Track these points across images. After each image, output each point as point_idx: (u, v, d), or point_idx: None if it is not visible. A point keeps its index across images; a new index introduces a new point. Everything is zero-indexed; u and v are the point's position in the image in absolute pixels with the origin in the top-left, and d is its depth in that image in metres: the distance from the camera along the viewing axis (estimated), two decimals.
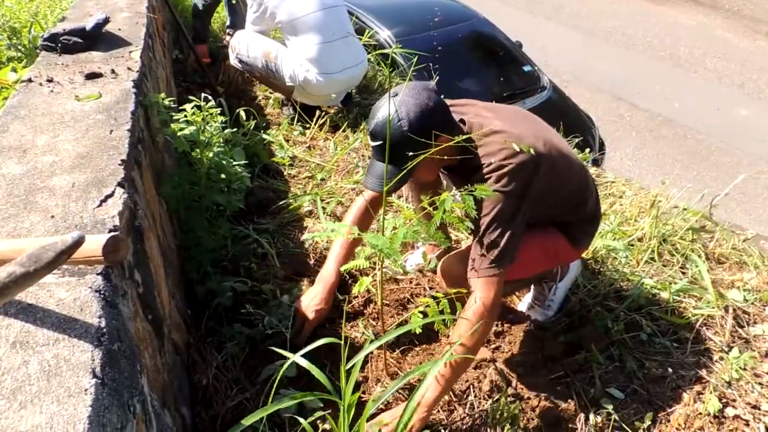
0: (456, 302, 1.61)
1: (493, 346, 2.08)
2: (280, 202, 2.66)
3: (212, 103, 2.23)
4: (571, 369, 1.99)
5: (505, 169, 1.61)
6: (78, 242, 0.82)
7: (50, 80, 1.90)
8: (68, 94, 1.80)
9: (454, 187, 1.84)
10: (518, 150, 1.59)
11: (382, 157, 1.63)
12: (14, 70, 2.11)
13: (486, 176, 1.62)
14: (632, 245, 2.64)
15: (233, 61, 3.57)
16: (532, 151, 1.59)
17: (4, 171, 1.37)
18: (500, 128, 1.68)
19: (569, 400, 1.88)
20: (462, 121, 1.73)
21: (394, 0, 5.69)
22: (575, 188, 1.85)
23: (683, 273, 2.54)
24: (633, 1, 10.27)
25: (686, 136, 6.70)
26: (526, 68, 5.19)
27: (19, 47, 3.08)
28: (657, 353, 2.08)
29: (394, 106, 1.57)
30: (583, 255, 2.36)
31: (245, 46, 3.45)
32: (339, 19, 3.38)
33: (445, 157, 1.67)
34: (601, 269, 2.46)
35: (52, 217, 1.22)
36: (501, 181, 1.61)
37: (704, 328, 2.21)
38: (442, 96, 1.68)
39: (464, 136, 1.58)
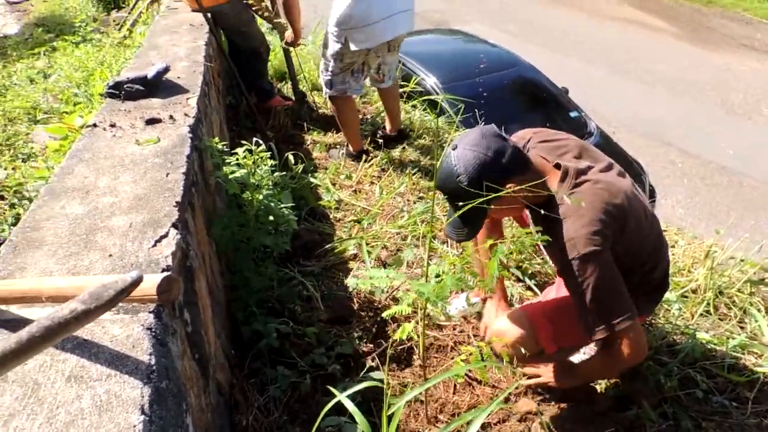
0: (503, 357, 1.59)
1: (539, 398, 2.02)
2: (326, 246, 2.70)
3: (263, 147, 2.30)
4: (622, 426, 1.90)
5: (596, 227, 1.56)
6: (136, 282, 0.86)
7: (113, 125, 2.01)
8: (129, 139, 1.90)
9: (533, 224, 1.81)
10: (611, 203, 1.58)
11: (452, 207, 1.68)
12: (81, 116, 2.23)
13: (577, 231, 1.57)
14: (686, 297, 2.55)
15: (324, 88, 3.59)
16: (625, 203, 1.58)
17: (68, 211, 1.44)
18: (596, 178, 1.65)
19: None
20: (557, 165, 1.70)
21: (440, 47, 5.81)
22: (651, 250, 1.78)
23: (741, 328, 2.43)
24: (682, 46, 10.17)
25: (741, 183, 6.49)
26: (573, 114, 5.17)
27: (87, 94, 3.26)
28: (714, 413, 1.97)
29: (454, 159, 1.60)
30: None
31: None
32: None
33: (519, 197, 1.63)
34: (653, 321, 2.37)
35: (110, 255, 1.27)
36: (593, 240, 1.55)
37: (766, 387, 2.09)
38: (509, 139, 1.67)
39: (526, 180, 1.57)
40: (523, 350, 1.87)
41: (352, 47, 3.19)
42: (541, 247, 1.81)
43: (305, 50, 5.18)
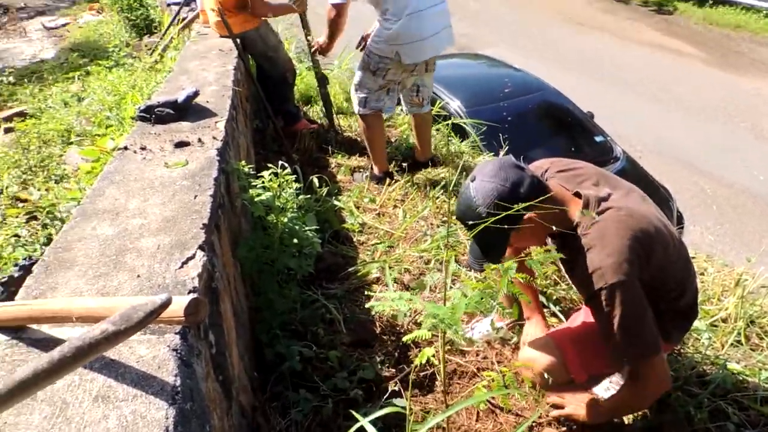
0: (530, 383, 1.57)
1: (563, 428, 1.98)
2: (349, 269, 2.70)
3: (288, 170, 2.33)
4: None
5: (623, 255, 1.54)
6: (165, 304, 0.87)
7: (143, 148, 2.06)
8: (158, 161, 1.94)
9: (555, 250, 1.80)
10: (636, 229, 1.57)
11: (473, 237, 1.68)
12: (112, 138, 2.29)
13: (603, 260, 1.55)
14: (716, 326, 2.49)
15: (356, 106, 3.65)
16: (651, 229, 1.56)
17: (98, 232, 1.48)
18: (618, 205, 1.63)
19: None
20: (577, 193, 1.69)
21: (464, 71, 5.83)
22: (678, 276, 1.75)
23: None
24: (710, 71, 10.08)
25: None
26: (598, 138, 5.13)
27: (118, 117, 3.34)
28: None
29: (472, 191, 1.61)
30: None
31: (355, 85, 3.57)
32: None
33: (540, 226, 1.63)
34: (682, 351, 2.32)
35: (138, 276, 1.29)
36: (620, 269, 1.53)
37: None
38: (527, 169, 1.66)
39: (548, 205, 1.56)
40: (550, 378, 1.84)
41: (405, 61, 3.27)
42: (566, 275, 1.80)
43: (330, 74, 5.26)
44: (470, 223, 1.60)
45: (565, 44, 11.04)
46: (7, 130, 4.92)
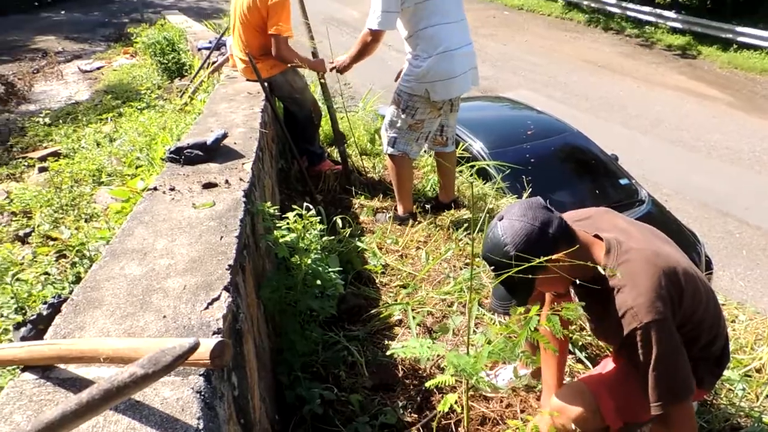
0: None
1: None
2: (371, 310, 2.69)
3: (313, 212, 2.36)
4: None
5: (655, 293, 1.52)
6: (193, 348, 0.88)
7: (172, 189, 2.10)
8: (186, 202, 1.98)
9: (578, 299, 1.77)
10: (664, 268, 1.54)
11: (498, 279, 1.64)
12: (142, 179, 2.34)
13: (635, 299, 1.53)
14: (749, 376, 2.41)
15: (385, 146, 3.69)
16: (679, 270, 1.53)
17: (126, 272, 1.50)
18: (642, 246, 1.62)
19: None
20: (597, 236, 1.68)
21: (486, 113, 5.88)
22: (709, 321, 1.70)
23: None
24: (737, 115, 10.02)
25: None
26: (623, 181, 5.10)
27: (148, 158, 3.43)
28: None
29: (500, 230, 1.59)
30: None
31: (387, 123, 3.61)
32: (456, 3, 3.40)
33: (566, 275, 1.60)
34: (715, 402, 2.24)
35: (164, 317, 1.31)
36: (654, 308, 1.51)
37: None
38: (555, 212, 1.65)
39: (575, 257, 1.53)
40: (577, 428, 1.78)
41: (434, 98, 3.34)
42: (589, 328, 1.76)
43: (356, 116, 5.35)
44: (496, 260, 1.57)
45: (588, 88, 11.11)
46: (42, 170, 5.07)
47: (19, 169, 5.18)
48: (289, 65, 3.89)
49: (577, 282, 1.60)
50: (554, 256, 1.51)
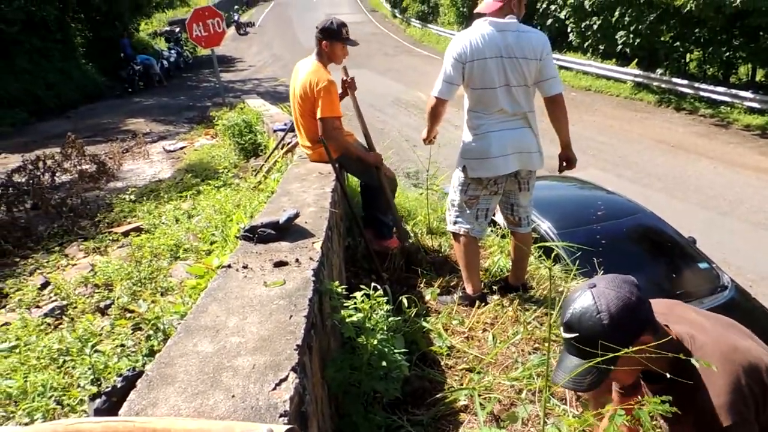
0: None
1: None
2: (436, 394, 2.61)
3: (380, 291, 2.36)
4: None
5: (735, 394, 1.41)
6: None
7: (245, 267, 2.17)
8: (258, 280, 2.03)
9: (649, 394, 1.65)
10: (743, 364, 1.44)
11: (575, 350, 1.52)
12: (218, 257, 2.44)
13: (710, 403, 1.43)
14: None
15: (449, 224, 3.71)
16: (761, 366, 1.43)
17: (199, 348, 1.54)
18: (718, 340, 1.52)
19: None
20: (666, 326, 1.59)
21: (554, 192, 5.81)
22: None
23: None
24: None
25: None
26: (702, 265, 4.84)
27: (223, 235, 3.57)
28: None
29: (593, 297, 1.50)
30: None
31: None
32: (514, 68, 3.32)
33: (649, 364, 1.49)
34: None
35: (233, 396, 1.32)
36: (734, 410, 1.40)
37: None
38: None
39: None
40: None
41: (470, 174, 3.42)
42: (663, 423, 1.64)
43: (423, 194, 5.42)
44: (586, 327, 1.47)
45: (661, 167, 10.85)
46: (124, 244, 5.37)
47: (104, 243, 5.50)
48: (350, 141, 4.02)
49: (649, 375, 1.50)
50: (644, 347, 1.43)
